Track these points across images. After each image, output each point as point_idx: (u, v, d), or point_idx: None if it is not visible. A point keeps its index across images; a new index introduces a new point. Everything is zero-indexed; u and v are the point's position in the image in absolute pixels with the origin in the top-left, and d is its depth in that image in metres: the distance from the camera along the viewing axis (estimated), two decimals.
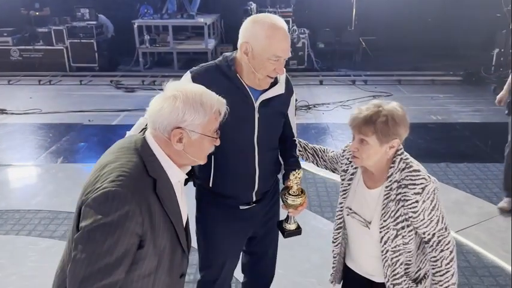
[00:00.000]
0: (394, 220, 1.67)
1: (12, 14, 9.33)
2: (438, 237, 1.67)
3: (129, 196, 1.24)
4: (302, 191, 1.82)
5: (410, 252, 1.73)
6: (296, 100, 2.17)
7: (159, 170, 1.36)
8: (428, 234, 1.68)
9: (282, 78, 1.89)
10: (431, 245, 1.69)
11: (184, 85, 1.40)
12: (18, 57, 8.97)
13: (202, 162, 1.46)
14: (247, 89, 1.81)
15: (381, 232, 1.70)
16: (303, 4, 9.96)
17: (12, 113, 6.54)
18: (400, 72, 8.51)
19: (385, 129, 1.62)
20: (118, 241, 1.23)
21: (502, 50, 7.89)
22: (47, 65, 8.83)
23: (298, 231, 1.92)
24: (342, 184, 1.87)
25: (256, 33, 1.71)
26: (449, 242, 1.68)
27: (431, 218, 1.65)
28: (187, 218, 1.57)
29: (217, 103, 1.40)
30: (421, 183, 1.63)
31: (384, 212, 1.68)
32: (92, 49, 8.93)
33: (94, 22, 9.25)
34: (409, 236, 1.69)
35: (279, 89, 1.88)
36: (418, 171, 1.66)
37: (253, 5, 8.76)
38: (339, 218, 1.89)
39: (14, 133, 5.84)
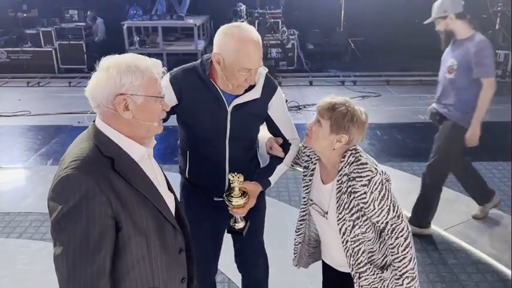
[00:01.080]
0: (349, 212, 1.76)
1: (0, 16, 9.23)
2: (391, 225, 1.75)
3: (83, 176, 1.23)
4: (244, 193, 1.86)
5: (370, 240, 1.81)
6: (287, 101, 2.16)
7: (115, 149, 1.34)
8: (382, 223, 1.75)
9: (259, 82, 1.90)
10: (387, 233, 1.77)
11: (114, 56, 1.37)
12: (6, 59, 8.89)
13: (158, 129, 1.41)
14: (221, 93, 1.85)
15: (338, 224, 1.79)
16: (292, 5, 10.02)
17: (1, 115, 6.49)
18: (389, 73, 8.61)
19: (339, 120, 1.72)
20: (88, 224, 1.22)
21: None
22: (35, 67, 8.76)
23: (243, 230, 1.96)
24: (304, 180, 1.96)
25: (227, 45, 1.73)
26: (403, 229, 1.75)
27: (381, 207, 1.73)
28: (175, 196, 1.58)
29: (152, 63, 1.36)
30: (367, 175, 1.71)
31: (339, 205, 1.78)
32: (81, 50, 8.88)
33: (83, 23, 9.20)
34: (366, 225, 1.78)
35: (254, 94, 1.89)
36: (366, 164, 1.74)
37: (243, 6, 8.78)
38: (303, 211, 1.99)
39: (3, 135, 5.78)
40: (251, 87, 1.88)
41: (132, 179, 1.33)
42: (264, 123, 2.04)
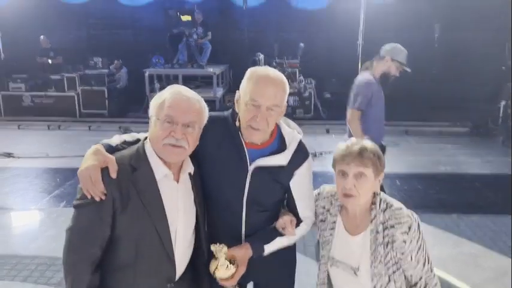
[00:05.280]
0: (385, 265, 1.59)
1: (27, 61, 9.63)
2: (425, 279, 1.60)
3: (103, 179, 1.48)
4: (231, 262, 1.68)
5: None
6: None
7: (142, 161, 1.52)
8: (416, 276, 1.60)
9: (289, 148, 1.75)
10: None
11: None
12: (30, 102, 9.15)
13: (164, 151, 1.52)
14: (245, 150, 1.73)
15: (373, 280, 1.60)
16: (309, 55, 10.18)
17: (19, 157, 6.56)
18: (407, 123, 8.52)
19: (379, 160, 1.61)
20: (87, 219, 1.48)
21: (509, 102, 7.92)
22: (57, 111, 8.97)
23: None
24: (322, 235, 1.76)
25: (243, 81, 1.71)
26: (435, 284, 1.61)
27: (418, 259, 1.58)
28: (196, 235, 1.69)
29: (170, 93, 1.55)
30: (407, 221, 1.58)
31: (374, 258, 1.59)
32: (102, 96, 9.11)
33: (106, 70, 9.50)
34: (400, 279, 1.61)
35: (281, 160, 1.74)
36: (401, 208, 1.61)
37: (261, 56, 8.99)
38: (323, 272, 1.76)
39: (19, 177, 5.81)
40: (279, 151, 1.74)
41: (143, 192, 1.49)
42: None
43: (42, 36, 9.57)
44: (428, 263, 1.60)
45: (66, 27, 10.17)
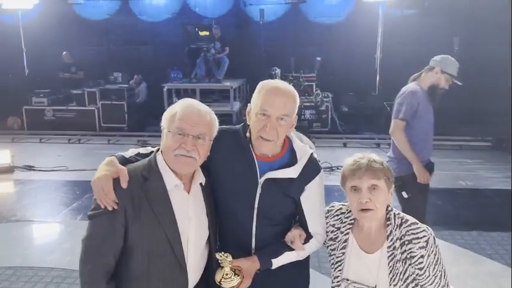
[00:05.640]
0: (404, 282, 1.54)
1: (50, 76, 9.90)
2: None
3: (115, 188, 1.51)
4: (236, 272, 1.66)
5: None
6: (319, 161, 1.84)
7: (154, 172, 1.56)
8: None
9: (300, 161, 1.75)
10: None
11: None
12: (52, 116, 9.38)
13: (175, 162, 1.55)
14: (256, 162, 1.73)
15: None
16: (326, 69, 10.18)
17: (40, 170, 6.70)
18: None
19: (389, 171, 1.60)
20: (100, 231, 1.51)
21: None
22: (78, 125, 9.17)
23: None
24: (334, 255, 1.70)
25: (254, 92, 1.74)
26: None
27: (435, 273, 1.55)
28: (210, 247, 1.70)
29: (181, 106, 1.59)
30: (424, 236, 1.55)
31: (393, 276, 1.55)
32: (122, 110, 9.27)
33: (126, 85, 9.68)
34: None
35: (291, 172, 1.73)
36: (416, 223, 1.58)
37: (278, 70, 9.02)
38: None
39: (39, 189, 5.93)
40: (290, 164, 1.74)
41: (154, 202, 1.52)
42: None
43: (64, 52, 9.84)
44: (445, 277, 1.56)
45: (87, 42, 10.47)
